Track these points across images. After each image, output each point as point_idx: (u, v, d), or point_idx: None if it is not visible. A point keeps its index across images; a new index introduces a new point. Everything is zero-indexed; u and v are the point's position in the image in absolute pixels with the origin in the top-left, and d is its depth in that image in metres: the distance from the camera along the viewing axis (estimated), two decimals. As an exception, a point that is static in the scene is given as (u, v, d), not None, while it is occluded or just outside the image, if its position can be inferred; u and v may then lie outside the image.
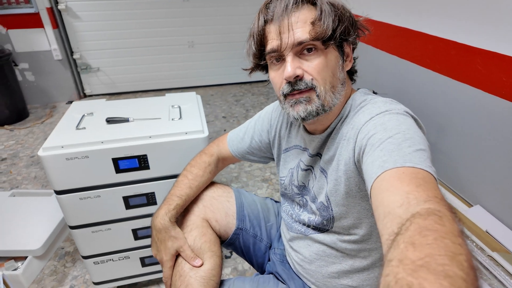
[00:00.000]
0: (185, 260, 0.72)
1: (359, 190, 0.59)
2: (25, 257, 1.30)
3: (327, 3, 0.57)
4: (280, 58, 0.60)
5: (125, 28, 2.84)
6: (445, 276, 0.28)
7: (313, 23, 0.56)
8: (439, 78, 1.60)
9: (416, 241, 0.32)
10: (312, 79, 0.58)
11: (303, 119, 0.60)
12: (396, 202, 0.40)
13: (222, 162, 0.88)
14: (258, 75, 0.62)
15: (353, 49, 0.65)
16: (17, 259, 1.30)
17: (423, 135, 0.52)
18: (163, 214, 0.73)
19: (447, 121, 1.59)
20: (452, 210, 0.37)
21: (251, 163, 2.06)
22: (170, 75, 3.14)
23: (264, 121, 0.82)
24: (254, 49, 0.62)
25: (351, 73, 0.68)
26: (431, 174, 0.44)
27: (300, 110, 0.59)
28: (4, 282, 1.00)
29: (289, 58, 0.57)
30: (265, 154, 0.85)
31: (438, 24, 1.57)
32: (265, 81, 0.69)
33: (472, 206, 1.50)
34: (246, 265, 1.38)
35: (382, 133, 0.50)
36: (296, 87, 0.58)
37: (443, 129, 1.61)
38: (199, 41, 3.06)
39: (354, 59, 0.66)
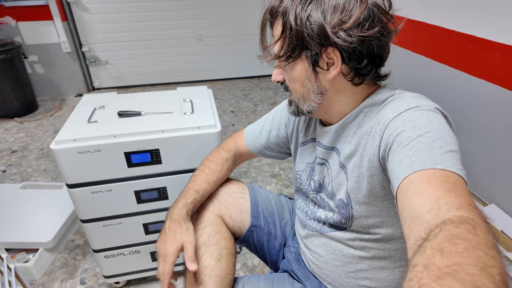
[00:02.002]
0: (184, 257, 0.68)
1: (382, 188, 0.57)
2: (36, 249, 1.30)
3: (293, 18, 0.54)
4: None
5: (134, 21, 2.82)
6: (472, 286, 0.27)
7: (276, 42, 0.58)
8: (456, 73, 1.56)
9: (445, 249, 0.31)
10: (287, 85, 0.64)
11: (292, 115, 0.69)
12: (425, 207, 0.38)
13: (239, 158, 0.87)
14: (266, 70, 0.64)
15: (355, 53, 0.54)
16: (28, 251, 1.31)
17: (454, 135, 0.49)
18: (180, 207, 0.72)
19: (463, 118, 1.55)
20: (486, 220, 0.35)
21: (259, 158, 2.05)
22: (178, 69, 3.13)
23: (282, 114, 0.81)
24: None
25: (363, 74, 0.59)
26: (462, 178, 0.42)
27: (288, 109, 0.68)
28: (16, 274, 1.00)
29: (276, 64, 0.62)
30: (283, 149, 0.84)
31: (455, 17, 1.53)
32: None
33: (487, 205, 1.47)
34: (256, 260, 1.37)
35: (412, 131, 0.48)
36: (282, 87, 0.66)
37: (458, 126, 1.57)
38: (207, 35, 3.03)
39: (357, 63, 0.56)
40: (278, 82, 0.64)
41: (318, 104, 0.60)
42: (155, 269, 1.21)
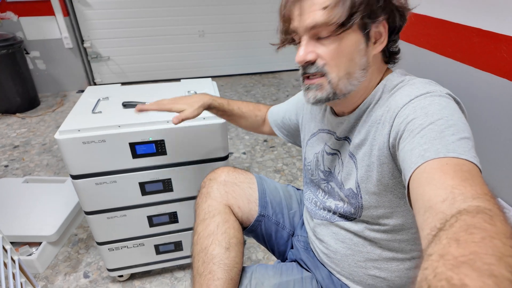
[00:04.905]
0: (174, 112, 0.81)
1: (392, 177, 0.56)
2: (39, 243, 1.30)
3: None
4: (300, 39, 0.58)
5: (136, 17, 2.81)
6: (489, 275, 0.26)
7: (325, 8, 0.52)
8: (461, 67, 1.55)
9: (461, 238, 0.30)
10: (324, 64, 0.55)
11: (313, 104, 0.59)
12: (439, 197, 0.37)
13: (263, 124, 0.96)
14: (269, 66, 0.61)
15: (394, 28, 0.58)
16: (31, 244, 1.30)
17: (466, 121, 0.48)
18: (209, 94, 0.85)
19: (468, 112, 1.52)
20: (503, 210, 0.34)
21: (262, 154, 2.04)
22: (180, 65, 3.12)
23: (298, 102, 0.84)
24: (281, 26, 0.60)
25: (391, 53, 0.62)
26: (477, 166, 0.41)
27: (310, 96, 0.58)
28: (20, 266, 0.99)
29: (304, 41, 0.55)
30: (295, 133, 0.88)
31: (460, 10, 1.52)
32: (276, 72, 0.67)
33: (493, 199, 1.46)
34: (260, 254, 1.36)
35: (423, 118, 0.47)
36: (307, 71, 0.57)
37: (464, 120, 1.56)
38: (209, 31, 3.02)
39: (393, 40, 0.59)
40: (306, 63, 0.56)
41: (360, 82, 0.57)
42: (159, 262, 1.20)
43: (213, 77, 3.22)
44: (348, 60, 0.55)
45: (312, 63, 0.55)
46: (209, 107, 0.86)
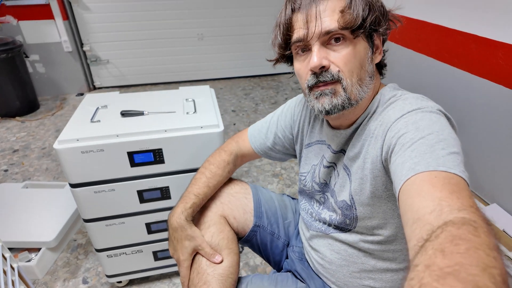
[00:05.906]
0: (205, 257, 0.70)
1: (385, 189, 0.57)
2: (39, 249, 1.30)
3: None
4: (306, 48, 0.58)
5: (135, 20, 2.82)
6: (474, 286, 0.27)
7: (342, 11, 0.53)
8: (458, 73, 1.56)
9: (446, 249, 0.31)
10: (338, 70, 0.55)
11: (328, 112, 0.57)
12: (427, 208, 0.38)
13: (241, 159, 0.86)
14: (267, 69, 0.60)
15: (383, 41, 0.62)
16: (30, 250, 1.31)
17: (456, 136, 0.49)
18: (179, 213, 0.71)
19: (465, 118, 1.55)
20: (489, 222, 0.35)
21: (261, 158, 2.04)
22: (179, 68, 3.13)
23: (287, 116, 0.80)
24: (280, 39, 0.60)
25: (380, 67, 0.65)
26: (465, 180, 0.42)
27: (326, 102, 0.57)
28: (19, 273, 1.00)
29: (316, 47, 0.55)
30: (288, 151, 0.83)
31: (457, 17, 1.53)
32: (274, 74, 0.67)
33: (489, 204, 1.47)
34: (258, 260, 1.37)
35: (414, 133, 0.48)
36: (322, 79, 0.56)
37: (460, 126, 1.57)
38: (208, 34, 3.03)
39: (384, 52, 0.63)
40: (321, 69, 0.55)
41: (369, 90, 0.59)
42: (157, 268, 1.21)
43: (212, 80, 3.24)
44: (360, 66, 0.56)
45: (326, 69, 0.55)
46: (194, 213, 0.74)
